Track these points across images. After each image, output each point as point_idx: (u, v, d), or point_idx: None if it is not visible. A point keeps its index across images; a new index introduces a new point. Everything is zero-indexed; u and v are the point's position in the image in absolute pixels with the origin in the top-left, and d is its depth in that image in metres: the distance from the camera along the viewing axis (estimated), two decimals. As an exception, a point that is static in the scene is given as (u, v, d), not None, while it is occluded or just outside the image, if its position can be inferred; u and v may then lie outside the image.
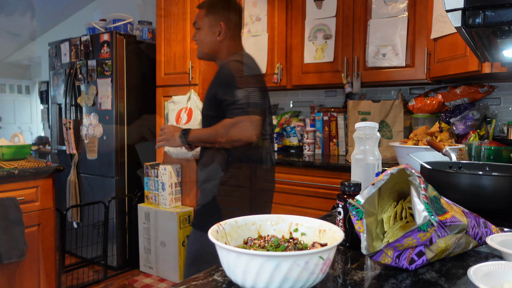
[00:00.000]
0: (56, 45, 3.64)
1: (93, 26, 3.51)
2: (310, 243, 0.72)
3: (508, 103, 2.53)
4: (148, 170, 3.10)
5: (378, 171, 1.04)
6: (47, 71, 4.19)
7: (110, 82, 3.19)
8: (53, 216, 2.36)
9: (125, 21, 3.44)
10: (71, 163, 3.43)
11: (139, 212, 3.13)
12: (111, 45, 3.17)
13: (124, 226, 3.26)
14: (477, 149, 1.63)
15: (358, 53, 2.66)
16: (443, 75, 2.27)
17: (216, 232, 0.68)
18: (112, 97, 3.18)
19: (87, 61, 3.33)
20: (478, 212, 0.93)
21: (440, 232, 0.70)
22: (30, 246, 2.23)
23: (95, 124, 3.30)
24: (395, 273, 0.71)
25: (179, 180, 3.06)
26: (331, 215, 1.17)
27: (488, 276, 0.59)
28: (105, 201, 3.13)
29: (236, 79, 1.51)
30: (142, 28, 3.51)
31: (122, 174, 3.23)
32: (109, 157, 3.21)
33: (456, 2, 0.67)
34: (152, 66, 3.35)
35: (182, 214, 2.92)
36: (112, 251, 3.21)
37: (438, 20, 2.24)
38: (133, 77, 3.32)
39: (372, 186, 0.73)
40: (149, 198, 3.13)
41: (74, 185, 3.41)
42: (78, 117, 3.46)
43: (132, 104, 3.31)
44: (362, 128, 1.04)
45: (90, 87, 3.33)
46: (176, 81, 3.09)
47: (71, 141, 3.42)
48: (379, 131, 1.06)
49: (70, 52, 3.48)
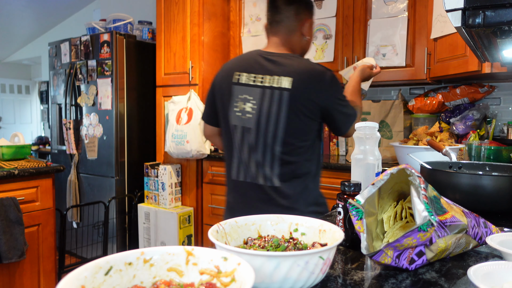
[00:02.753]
0: (56, 45, 3.64)
1: (93, 26, 3.51)
2: (310, 243, 0.72)
3: (508, 103, 2.53)
4: (148, 170, 3.11)
5: (378, 171, 1.04)
6: (47, 71, 4.19)
7: (110, 82, 3.19)
8: (53, 216, 2.36)
9: (125, 21, 3.44)
10: (71, 163, 3.43)
11: (139, 212, 3.13)
12: (111, 45, 3.17)
13: (124, 226, 3.27)
14: (477, 149, 1.63)
15: (358, 53, 2.66)
16: (443, 75, 2.27)
17: (216, 232, 0.68)
18: (112, 97, 3.18)
19: (87, 61, 3.33)
20: (478, 212, 0.93)
21: (440, 232, 0.70)
22: (30, 246, 2.23)
23: (95, 124, 3.30)
24: (395, 273, 0.71)
25: (179, 180, 3.06)
26: (331, 215, 1.17)
27: (488, 276, 0.59)
28: (105, 201, 3.13)
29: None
30: (142, 28, 3.51)
31: (122, 174, 3.23)
32: (109, 157, 3.21)
33: (456, 2, 0.67)
34: (152, 66, 3.35)
35: (182, 214, 2.92)
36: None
37: (438, 20, 2.24)
38: (133, 77, 3.32)
39: (372, 186, 0.73)
40: (149, 198, 3.13)
41: (74, 185, 3.41)
42: (78, 117, 3.46)
43: (132, 104, 3.31)
44: (362, 128, 1.04)
45: (90, 87, 3.33)
46: (176, 81, 3.09)
47: (71, 141, 3.42)
48: (379, 131, 1.06)
49: (70, 52, 3.48)
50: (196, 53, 2.99)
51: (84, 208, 3.31)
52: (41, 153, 5.27)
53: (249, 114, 1.40)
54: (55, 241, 2.39)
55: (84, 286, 0.48)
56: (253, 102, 1.40)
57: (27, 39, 6.27)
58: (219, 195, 2.88)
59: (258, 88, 1.40)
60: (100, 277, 0.51)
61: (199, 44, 2.98)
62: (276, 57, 1.43)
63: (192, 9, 2.99)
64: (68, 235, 3.25)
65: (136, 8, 4.22)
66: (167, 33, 3.12)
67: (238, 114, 1.42)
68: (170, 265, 0.56)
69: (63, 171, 2.41)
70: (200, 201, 3.03)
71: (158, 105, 3.22)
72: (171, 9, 3.09)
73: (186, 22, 3.02)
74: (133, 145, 3.32)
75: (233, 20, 3.20)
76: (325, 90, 1.38)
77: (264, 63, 1.42)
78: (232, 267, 0.53)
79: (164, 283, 0.53)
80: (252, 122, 1.39)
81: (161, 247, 0.57)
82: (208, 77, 3.05)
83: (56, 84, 3.69)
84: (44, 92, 6.24)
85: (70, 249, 3.38)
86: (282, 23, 1.47)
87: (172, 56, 3.10)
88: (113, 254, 0.54)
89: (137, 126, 3.36)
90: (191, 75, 3.00)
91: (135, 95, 3.33)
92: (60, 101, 3.64)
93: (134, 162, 3.31)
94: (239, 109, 1.42)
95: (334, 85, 1.40)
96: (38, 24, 5.78)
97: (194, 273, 0.56)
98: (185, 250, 0.57)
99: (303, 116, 1.37)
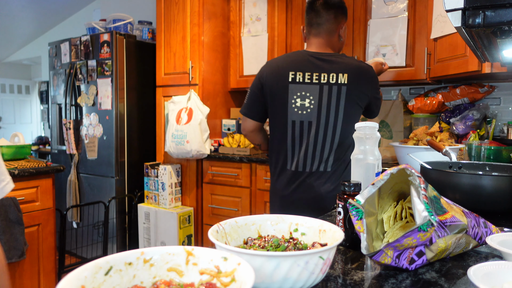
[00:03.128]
0: (56, 45, 3.64)
1: (93, 26, 3.51)
2: (310, 243, 0.72)
3: (508, 103, 2.53)
4: (148, 170, 3.11)
5: (378, 171, 1.04)
6: (47, 71, 4.19)
7: (110, 82, 3.19)
8: (53, 216, 2.36)
9: (125, 21, 3.44)
10: (71, 163, 3.43)
11: (139, 212, 3.13)
12: (111, 45, 3.17)
13: (124, 226, 3.27)
14: (477, 149, 1.63)
15: (358, 53, 2.66)
16: (443, 75, 2.27)
17: (216, 232, 0.68)
18: (112, 97, 3.18)
19: (87, 61, 3.33)
20: (478, 212, 0.93)
21: (440, 232, 0.70)
22: (30, 246, 2.23)
23: (95, 124, 3.30)
24: (395, 273, 0.71)
25: (179, 180, 3.06)
26: (331, 215, 1.17)
27: (488, 276, 0.59)
28: (105, 201, 3.13)
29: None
30: (142, 28, 3.51)
31: (122, 174, 3.23)
32: (109, 157, 3.21)
33: (456, 2, 0.67)
34: (152, 66, 3.35)
35: (182, 214, 2.92)
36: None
37: (438, 20, 2.24)
38: (133, 77, 3.32)
39: (372, 186, 0.73)
40: (149, 198, 3.13)
41: (74, 185, 3.41)
42: (78, 117, 3.46)
43: (132, 104, 3.31)
44: (362, 128, 1.04)
45: (90, 87, 3.33)
46: (176, 81, 3.09)
47: (71, 141, 3.42)
48: (379, 131, 1.06)
49: (70, 52, 3.48)
50: (196, 53, 2.99)
51: (84, 208, 3.31)
52: (41, 153, 5.27)
53: (308, 109, 1.61)
54: (55, 241, 2.39)
55: (84, 286, 0.48)
56: (311, 98, 1.61)
57: (27, 39, 6.27)
58: (219, 195, 2.88)
59: (316, 85, 1.60)
60: (100, 277, 0.51)
61: (199, 44, 2.98)
62: (326, 56, 1.64)
63: (192, 9, 2.99)
64: (68, 235, 3.26)
65: (136, 8, 4.22)
66: (167, 33, 3.12)
67: (296, 110, 1.62)
68: (170, 265, 0.56)
69: (63, 171, 2.41)
70: (200, 201, 3.03)
71: (158, 105, 3.22)
72: (171, 9, 3.09)
73: (186, 22, 3.02)
74: (133, 145, 3.32)
75: (233, 20, 3.20)
76: (373, 83, 1.65)
77: (317, 62, 1.62)
78: (232, 267, 0.53)
79: (164, 283, 0.53)
80: (313, 116, 1.60)
81: (161, 247, 0.57)
82: (208, 77, 3.05)
83: (56, 84, 3.69)
84: (44, 92, 6.24)
85: (70, 249, 3.38)
86: (323, 26, 1.66)
87: (172, 56, 3.10)
88: (113, 254, 0.54)
89: (137, 126, 3.36)
90: (191, 75, 3.00)
91: (135, 95, 3.33)
92: (60, 101, 3.64)
93: (134, 162, 3.31)
94: (298, 105, 1.62)
95: (376, 79, 1.68)
96: (38, 24, 5.78)
97: (194, 273, 0.56)
98: (185, 250, 0.57)
99: (356, 106, 1.63)
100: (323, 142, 1.61)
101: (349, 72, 1.59)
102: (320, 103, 1.59)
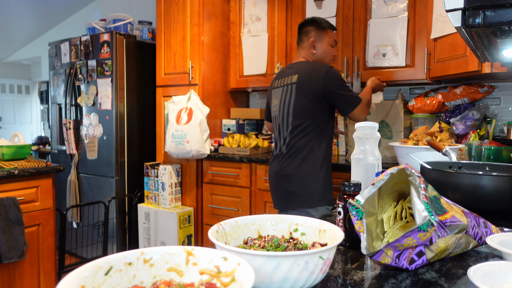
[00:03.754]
0: (56, 45, 3.64)
1: (93, 26, 3.51)
2: (310, 243, 0.72)
3: (508, 103, 2.53)
4: (148, 170, 3.11)
5: (378, 171, 1.04)
6: (47, 71, 4.20)
7: (110, 82, 3.19)
8: (53, 216, 2.36)
9: (125, 21, 3.44)
10: (71, 163, 3.43)
11: (139, 212, 3.13)
12: (111, 45, 3.17)
13: (124, 226, 3.27)
14: (477, 149, 1.63)
15: (358, 53, 2.66)
16: (443, 75, 2.27)
17: (216, 232, 0.68)
18: (112, 97, 3.18)
19: (87, 61, 3.33)
20: (478, 212, 0.93)
21: (440, 232, 0.70)
22: (30, 246, 2.23)
23: (95, 124, 3.30)
24: (395, 273, 0.71)
25: (179, 180, 3.06)
26: (331, 215, 1.17)
27: (488, 276, 0.59)
28: (105, 201, 3.13)
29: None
30: (142, 28, 3.51)
31: (122, 174, 3.23)
32: (109, 157, 3.21)
33: (456, 2, 0.67)
34: (152, 66, 3.35)
35: (182, 214, 2.92)
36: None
37: (438, 20, 2.24)
38: (133, 77, 3.32)
39: (372, 186, 0.73)
40: (149, 198, 3.13)
41: (74, 185, 3.41)
42: (78, 117, 3.46)
43: (132, 104, 3.31)
44: (362, 128, 1.04)
45: (90, 87, 3.33)
46: (176, 81, 3.09)
47: (71, 141, 3.42)
48: (379, 131, 1.06)
49: (70, 52, 3.48)
50: (196, 53, 2.99)
51: (84, 208, 3.31)
52: (41, 153, 5.27)
53: (276, 106, 2.08)
54: (55, 241, 2.39)
55: (84, 286, 0.48)
56: (278, 98, 2.07)
57: (27, 39, 6.28)
58: (219, 195, 2.88)
59: (281, 88, 2.06)
60: (100, 277, 0.51)
61: (199, 44, 2.98)
62: (294, 65, 2.07)
63: (192, 9, 2.99)
64: (68, 235, 3.25)
65: (136, 8, 4.22)
66: (167, 33, 3.12)
67: (273, 109, 2.11)
68: (170, 265, 0.56)
69: (63, 171, 2.41)
70: (200, 201, 3.03)
71: (158, 105, 3.22)
72: (171, 9, 3.09)
73: (186, 22, 3.02)
74: (133, 145, 3.32)
75: (233, 20, 3.20)
76: (322, 78, 1.92)
77: (287, 70, 2.08)
78: (232, 267, 0.53)
79: (164, 283, 0.53)
80: (277, 111, 2.07)
81: (161, 247, 0.57)
82: (208, 77, 3.05)
83: (56, 84, 3.69)
84: (44, 92, 6.24)
85: (70, 249, 3.38)
86: (300, 42, 2.12)
87: (172, 56, 3.10)
88: (113, 254, 0.54)
89: (137, 126, 3.36)
90: (191, 75, 3.00)
91: (135, 95, 3.33)
92: (60, 101, 3.64)
93: (134, 162, 3.31)
94: (274, 105, 2.10)
95: (330, 74, 1.93)
96: (38, 24, 5.78)
97: (194, 273, 0.56)
98: (185, 250, 0.57)
99: (307, 100, 1.94)
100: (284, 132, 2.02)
101: (299, 73, 1.98)
102: (281, 100, 2.03)
